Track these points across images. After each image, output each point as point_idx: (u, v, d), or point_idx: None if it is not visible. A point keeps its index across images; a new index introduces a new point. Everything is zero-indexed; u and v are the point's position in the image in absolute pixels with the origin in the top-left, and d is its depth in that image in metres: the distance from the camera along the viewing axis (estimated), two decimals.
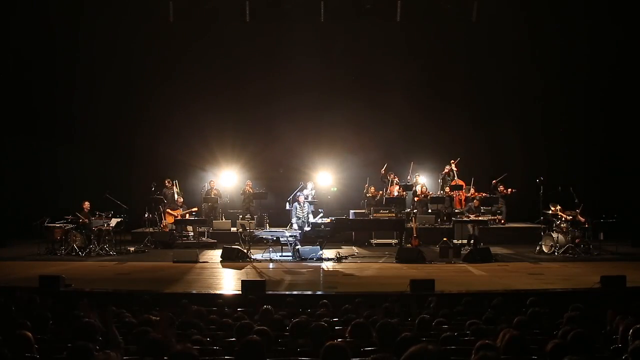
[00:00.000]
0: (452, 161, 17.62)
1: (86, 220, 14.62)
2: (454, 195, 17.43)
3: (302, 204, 15.23)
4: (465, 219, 15.21)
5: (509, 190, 17.09)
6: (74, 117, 18.45)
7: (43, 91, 18.36)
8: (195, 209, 16.95)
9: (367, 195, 17.22)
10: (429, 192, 17.30)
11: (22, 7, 17.60)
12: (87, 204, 14.89)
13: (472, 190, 17.11)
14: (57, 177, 18.06)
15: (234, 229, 16.68)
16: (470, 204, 16.27)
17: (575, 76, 18.37)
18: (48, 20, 17.73)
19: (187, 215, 16.67)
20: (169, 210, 16.76)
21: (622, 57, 17.98)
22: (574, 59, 18.29)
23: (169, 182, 17.30)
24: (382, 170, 17.48)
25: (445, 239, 14.61)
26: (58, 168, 18.23)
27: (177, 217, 16.52)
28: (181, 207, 16.80)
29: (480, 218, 15.24)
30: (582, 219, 14.52)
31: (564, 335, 4.77)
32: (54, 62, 18.22)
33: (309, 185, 16.71)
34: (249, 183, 17.71)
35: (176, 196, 16.99)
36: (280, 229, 15.44)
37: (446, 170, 17.73)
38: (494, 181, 17.33)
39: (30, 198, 17.37)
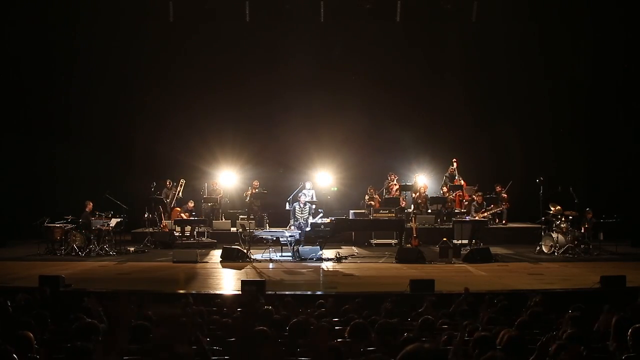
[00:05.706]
0: (454, 160, 17.59)
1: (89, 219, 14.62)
2: (455, 196, 17.38)
3: (302, 205, 15.21)
4: (469, 217, 15.25)
5: (505, 194, 17.03)
6: (74, 117, 18.40)
7: (42, 91, 18.31)
8: (203, 219, 16.73)
9: (368, 198, 17.17)
10: (426, 198, 17.25)
11: (20, 3, 17.56)
12: (90, 205, 14.86)
13: (474, 190, 17.06)
14: (57, 177, 18.03)
15: (234, 229, 16.68)
16: (473, 203, 16.25)
17: (576, 75, 18.29)
18: (46, 17, 17.67)
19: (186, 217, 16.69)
20: (178, 209, 16.78)
21: (624, 55, 17.96)
22: (575, 57, 18.21)
23: (169, 183, 17.29)
24: (390, 176, 17.42)
25: (445, 239, 14.59)
26: (58, 168, 18.19)
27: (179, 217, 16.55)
28: (189, 211, 16.78)
29: (485, 214, 15.27)
30: (590, 215, 14.58)
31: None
32: (52, 61, 18.18)
33: (307, 185, 16.65)
34: (256, 183, 17.52)
35: (172, 198, 16.94)
36: (280, 229, 15.44)
37: (450, 170, 17.69)
38: (497, 187, 17.27)
39: (30, 198, 17.36)
